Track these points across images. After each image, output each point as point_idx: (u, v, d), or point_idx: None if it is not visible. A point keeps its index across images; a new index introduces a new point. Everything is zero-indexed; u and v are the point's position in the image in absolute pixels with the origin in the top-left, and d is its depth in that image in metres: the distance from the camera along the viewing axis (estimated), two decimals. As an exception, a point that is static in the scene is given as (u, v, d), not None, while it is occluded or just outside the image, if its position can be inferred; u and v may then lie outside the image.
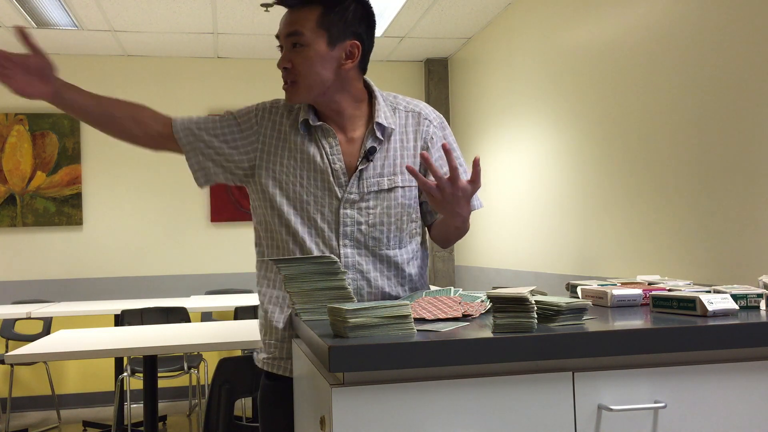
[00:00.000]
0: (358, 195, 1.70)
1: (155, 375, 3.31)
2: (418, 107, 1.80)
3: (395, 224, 1.72)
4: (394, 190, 1.72)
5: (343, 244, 1.69)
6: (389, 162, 1.72)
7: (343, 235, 1.69)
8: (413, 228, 1.77)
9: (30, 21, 4.72)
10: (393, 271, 1.73)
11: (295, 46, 1.62)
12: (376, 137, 1.71)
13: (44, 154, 5.55)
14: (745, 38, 2.56)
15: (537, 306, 1.30)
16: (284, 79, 1.66)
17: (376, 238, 1.71)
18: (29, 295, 5.46)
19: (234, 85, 5.87)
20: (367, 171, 1.70)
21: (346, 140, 1.73)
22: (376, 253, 1.71)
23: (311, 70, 1.63)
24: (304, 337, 1.49)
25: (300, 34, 1.62)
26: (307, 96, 1.67)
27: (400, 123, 1.76)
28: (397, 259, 1.73)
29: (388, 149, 1.73)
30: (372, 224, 1.70)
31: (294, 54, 1.63)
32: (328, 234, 1.69)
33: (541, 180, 4.28)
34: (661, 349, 1.26)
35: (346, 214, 1.69)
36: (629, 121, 3.29)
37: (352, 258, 1.70)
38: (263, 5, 4.57)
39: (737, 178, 2.61)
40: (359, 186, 1.70)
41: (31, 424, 5.07)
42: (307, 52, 1.62)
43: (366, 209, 1.70)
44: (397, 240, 1.73)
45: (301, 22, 1.62)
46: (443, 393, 1.21)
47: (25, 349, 2.83)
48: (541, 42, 4.21)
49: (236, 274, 5.78)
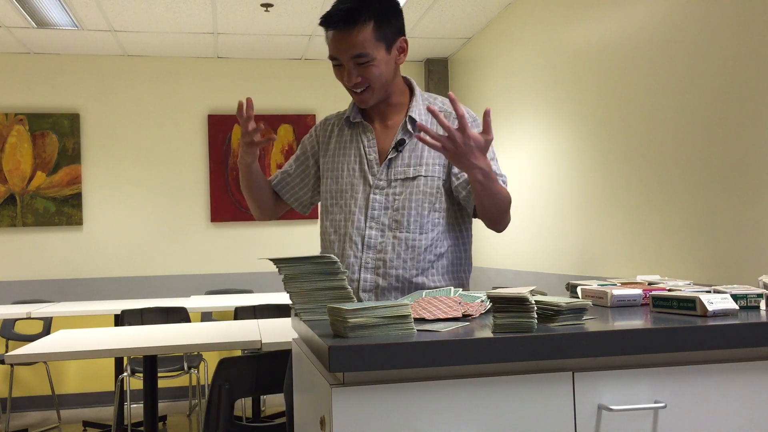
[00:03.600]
0: (386, 181, 1.89)
1: (155, 375, 3.31)
2: (452, 109, 1.87)
3: (416, 209, 1.87)
4: (417, 179, 1.88)
5: (369, 226, 1.88)
6: (416, 154, 1.89)
7: (371, 218, 1.88)
8: (435, 217, 1.89)
9: (30, 21, 4.72)
10: (410, 254, 1.86)
11: (361, 64, 1.82)
12: (407, 130, 1.90)
13: (44, 154, 5.55)
14: (745, 38, 2.56)
15: (537, 306, 1.30)
16: (355, 90, 1.86)
17: (398, 221, 1.87)
18: (29, 295, 5.46)
19: (234, 85, 5.87)
20: (396, 160, 1.90)
21: (382, 127, 1.95)
22: (397, 236, 1.87)
23: (380, 77, 1.85)
24: (304, 337, 1.49)
25: (365, 55, 1.81)
26: (378, 98, 1.89)
27: (430, 119, 1.92)
28: (415, 243, 1.86)
29: (417, 142, 1.89)
30: (396, 208, 1.88)
31: (361, 69, 1.83)
32: (358, 217, 1.89)
33: (541, 180, 4.28)
34: (661, 349, 1.26)
35: (375, 198, 1.89)
36: (629, 121, 3.29)
37: (375, 239, 1.88)
38: (263, 5, 4.57)
39: (737, 178, 2.61)
40: (387, 173, 1.89)
41: (31, 424, 5.07)
42: (374, 65, 1.82)
43: (393, 195, 1.88)
44: (418, 225, 1.87)
45: (362, 43, 1.79)
46: (443, 393, 1.21)
47: (25, 349, 2.83)
48: (541, 42, 4.21)
49: (236, 274, 5.78)
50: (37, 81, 5.58)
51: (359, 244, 1.88)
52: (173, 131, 5.77)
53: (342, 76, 1.86)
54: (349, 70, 1.83)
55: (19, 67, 5.55)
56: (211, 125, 5.77)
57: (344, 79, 1.86)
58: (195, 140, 5.80)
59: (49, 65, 5.59)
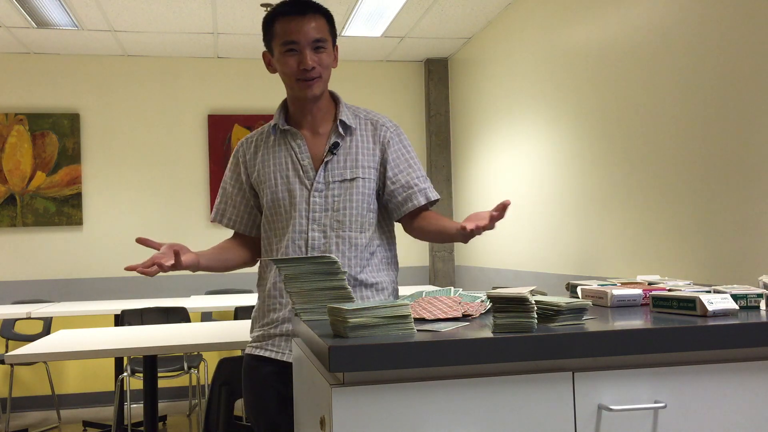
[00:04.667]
0: (324, 184, 1.95)
1: (155, 375, 3.31)
2: (376, 117, 2.06)
3: (356, 209, 1.96)
4: (356, 181, 1.97)
5: (311, 228, 1.94)
6: (351, 157, 1.98)
7: (312, 220, 1.94)
8: (371, 217, 1.99)
9: (30, 21, 4.72)
10: (353, 252, 1.95)
11: (318, 49, 1.91)
12: (339, 133, 1.98)
13: (44, 154, 5.55)
14: (745, 38, 2.56)
15: (537, 306, 1.30)
16: (308, 77, 1.91)
17: (339, 221, 1.95)
18: (29, 295, 5.45)
19: (234, 85, 5.87)
20: (331, 163, 1.97)
21: (312, 135, 2.01)
22: (340, 235, 1.95)
23: (329, 68, 1.96)
24: (304, 337, 1.49)
25: (325, 41, 1.93)
26: (323, 89, 1.97)
27: (360, 127, 2.02)
28: (357, 241, 1.96)
29: (350, 146, 1.99)
30: (336, 209, 1.95)
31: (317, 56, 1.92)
32: (299, 221, 1.94)
33: (541, 180, 4.28)
34: (661, 349, 1.26)
35: (315, 201, 1.95)
36: (629, 121, 3.29)
37: (318, 241, 1.94)
38: (263, 5, 4.56)
39: (737, 178, 2.61)
40: (325, 176, 1.96)
41: (31, 424, 5.07)
42: (328, 54, 1.94)
43: (332, 196, 1.95)
44: (358, 224, 1.97)
45: (322, 30, 1.92)
46: (443, 393, 1.21)
47: (25, 349, 2.83)
48: (541, 42, 4.21)
49: (236, 274, 5.76)
50: (37, 81, 5.58)
51: (303, 247, 1.93)
52: (173, 131, 5.77)
53: (294, 62, 1.91)
54: (307, 54, 1.90)
55: (19, 67, 5.55)
56: (211, 125, 5.77)
57: (299, 65, 1.90)
58: (195, 140, 5.80)
59: (49, 65, 5.59)
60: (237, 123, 5.79)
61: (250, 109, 5.87)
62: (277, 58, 1.95)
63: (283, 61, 1.93)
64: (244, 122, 5.81)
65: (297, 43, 1.90)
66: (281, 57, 1.93)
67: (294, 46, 1.90)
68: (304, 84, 1.92)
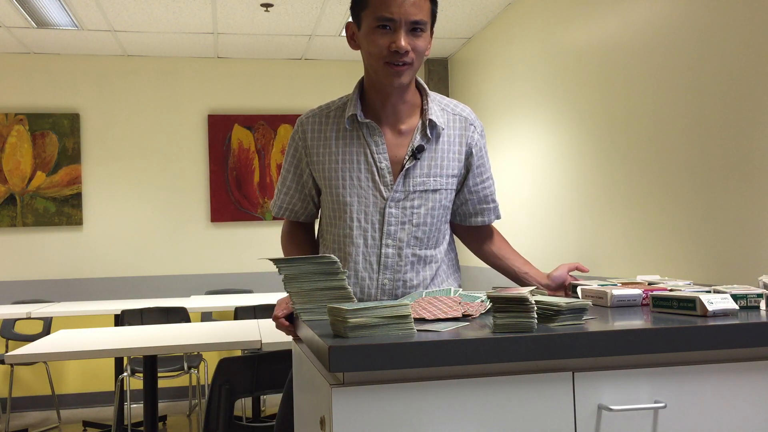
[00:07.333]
0: (403, 194, 1.71)
1: (155, 375, 3.31)
2: (465, 111, 1.81)
3: (436, 225, 1.76)
4: (439, 192, 1.74)
5: (385, 244, 1.71)
6: (436, 163, 1.73)
7: (387, 234, 1.71)
8: (446, 229, 1.82)
9: (30, 21, 4.72)
10: (428, 271, 1.76)
11: (415, 30, 1.63)
12: (426, 135, 1.72)
13: (44, 154, 5.55)
14: (745, 38, 2.56)
15: (537, 306, 1.30)
16: (398, 61, 1.64)
17: (418, 238, 1.73)
18: (29, 295, 5.45)
19: (234, 85, 5.87)
20: (414, 170, 1.71)
21: (393, 133, 1.73)
22: (416, 254, 1.74)
23: (422, 56, 1.67)
24: (304, 337, 1.49)
25: (424, 23, 1.65)
26: (412, 78, 1.71)
27: (448, 125, 1.77)
28: (433, 258, 1.77)
29: (436, 149, 1.73)
30: (416, 224, 1.72)
31: (414, 39, 1.64)
32: (371, 234, 1.71)
33: (541, 180, 4.28)
34: (661, 349, 1.26)
35: (390, 213, 1.71)
36: (629, 121, 3.29)
37: (392, 259, 1.72)
38: (263, 5, 4.56)
39: (737, 178, 2.61)
40: (405, 184, 1.71)
41: (31, 424, 5.07)
42: (424, 39, 1.66)
43: (411, 208, 1.71)
44: (434, 240, 1.77)
45: (424, 11, 1.64)
46: (443, 393, 1.21)
47: (25, 349, 2.83)
48: (541, 42, 4.21)
49: (236, 274, 5.78)
50: (37, 81, 5.58)
51: (375, 264, 1.72)
52: (173, 131, 5.77)
53: (385, 42, 1.62)
54: (401, 35, 1.61)
55: (19, 67, 5.55)
56: (211, 125, 5.77)
57: (390, 45, 1.62)
58: (195, 140, 5.80)
59: (49, 65, 5.59)
60: (237, 123, 5.80)
61: (250, 109, 5.87)
62: (365, 33, 1.65)
63: (371, 39, 1.64)
64: (244, 122, 5.81)
65: (393, 20, 1.61)
66: (370, 32, 1.64)
67: (389, 23, 1.61)
68: (392, 69, 1.64)
